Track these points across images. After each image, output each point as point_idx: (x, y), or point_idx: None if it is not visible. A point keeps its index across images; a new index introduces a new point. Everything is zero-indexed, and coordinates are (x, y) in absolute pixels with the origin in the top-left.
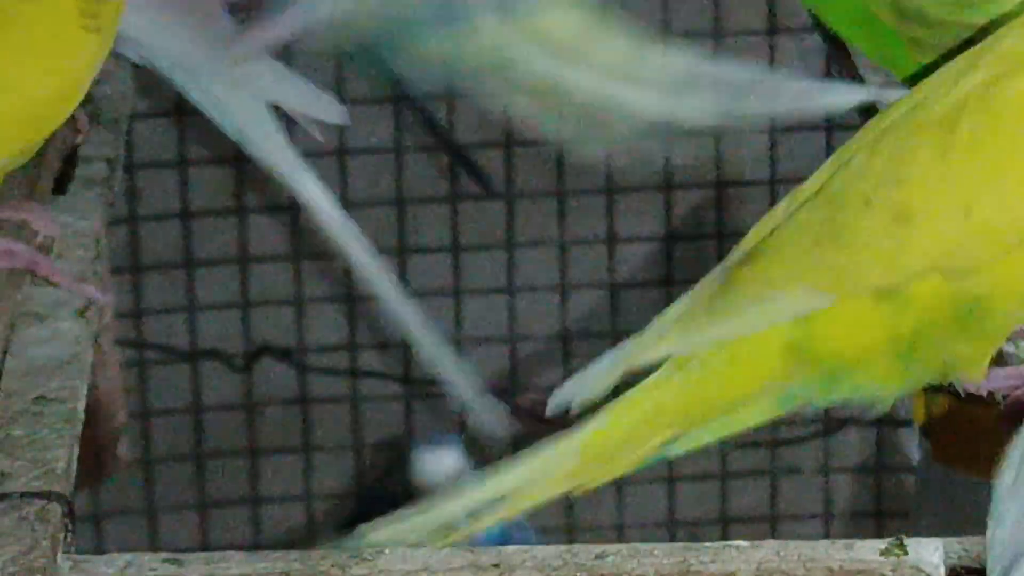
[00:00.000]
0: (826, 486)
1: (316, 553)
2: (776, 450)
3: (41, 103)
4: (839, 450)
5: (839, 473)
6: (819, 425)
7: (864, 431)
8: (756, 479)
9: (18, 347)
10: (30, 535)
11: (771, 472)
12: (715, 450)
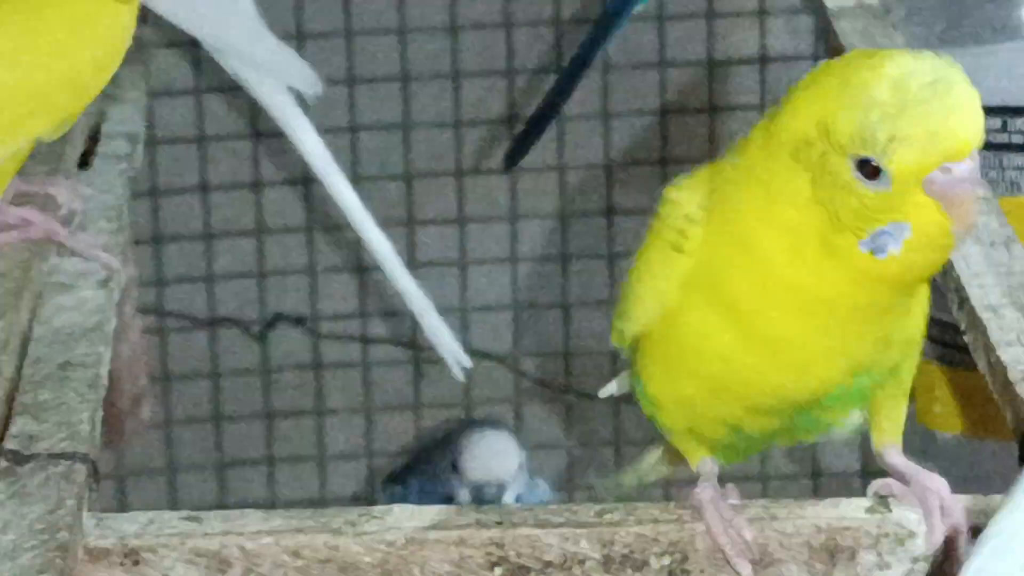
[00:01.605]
0: (813, 447)
1: (329, 511)
2: None
3: (81, 71)
4: None
5: None
6: None
7: None
8: None
9: (45, 315)
10: (56, 494)
11: None
12: None
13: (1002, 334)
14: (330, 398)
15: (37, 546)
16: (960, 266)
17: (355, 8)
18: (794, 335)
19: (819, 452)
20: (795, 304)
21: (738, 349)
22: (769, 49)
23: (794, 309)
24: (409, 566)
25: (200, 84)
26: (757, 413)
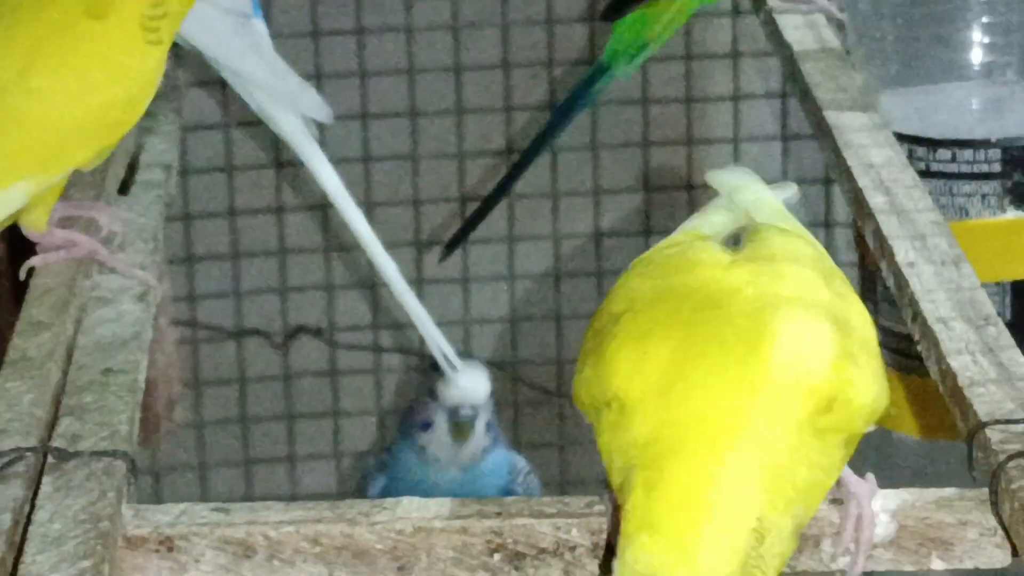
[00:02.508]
0: None
1: (344, 503)
2: None
3: (114, 108)
4: None
5: None
6: None
7: None
8: None
9: (88, 326)
10: (98, 487)
11: None
12: None
13: (952, 344)
14: (345, 402)
15: (80, 534)
16: (914, 283)
17: (368, 51)
18: None
19: None
20: None
21: None
22: (741, 88)
23: None
24: (417, 552)
25: (228, 119)
26: None
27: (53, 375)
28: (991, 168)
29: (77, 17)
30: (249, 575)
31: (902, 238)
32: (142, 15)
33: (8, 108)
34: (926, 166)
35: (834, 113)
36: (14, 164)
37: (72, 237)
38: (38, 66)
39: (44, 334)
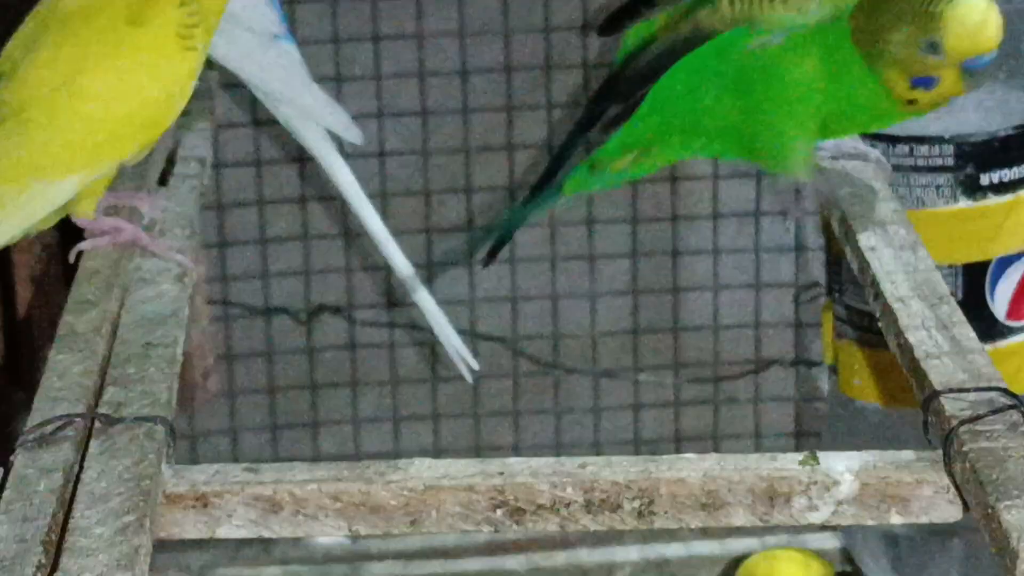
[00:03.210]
0: (756, 412)
1: (362, 464)
2: (718, 384)
3: (153, 108)
4: (767, 384)
5: (767, 402)
6: (752, 365)
7: (787, 369)
8: (703, 407)
9: (131, 305)
10: (140, 450)
11: (714, 402)
12: (670, 384)
13: (909, 320)
14: (362, 373)
15: (124, 492)
16: (875, 265)
17: (383, 56)
18: None
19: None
20: None
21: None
22: None
23: None
24: (428, 508)
25: (256, 118)
26: None
27: (100, 348)
28: (944, 162)
29: (120, 25)
30: (276, 528)
31: (865, 225)
32: (178, 23)
33: (60, 109)
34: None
35: None
36: (65, 159)
37: (117, 224)
38: (86, 70)
39: (91, 311)
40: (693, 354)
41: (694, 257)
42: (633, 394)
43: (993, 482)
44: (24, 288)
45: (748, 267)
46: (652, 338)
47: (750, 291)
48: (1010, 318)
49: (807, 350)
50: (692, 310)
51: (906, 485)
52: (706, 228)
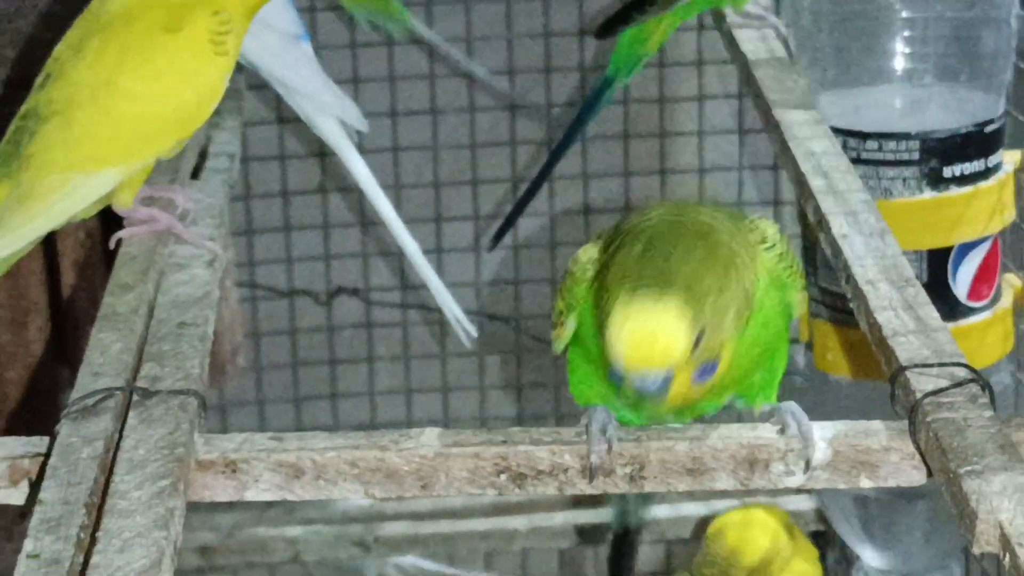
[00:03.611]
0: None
1: (377, 433)
2: None
3: (187, 107)
4: None
5: None
6: None
7: None
8: None
9: (166, 287)
10: (174, 420)
11: None
12: None
13: (878, 301)
14: (378, 350)
15: (160, 459)
16: (847, 251)
17: (396, 60)
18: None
19: None
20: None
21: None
22: (705, 90)
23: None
24: (437, 473)
25: (280, 116)
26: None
27: (137, 327)
28: (911, 156)
29: (158, 32)
30: (299, 492)
31: (837, 214)
32: (211, 31)
33: (101, 106)
34: (857, 155)
35: (781, 111)
36: (106, 153)
37: (153, 214)
38: (125, 72)
39: (130, 294)
40: None
41: None
42: None
43: (954, 449)
44: (68, 272)
45: None
46: None
47: None
48: (970, 299)
49: None
50: None
51: (875, 452)
52: None
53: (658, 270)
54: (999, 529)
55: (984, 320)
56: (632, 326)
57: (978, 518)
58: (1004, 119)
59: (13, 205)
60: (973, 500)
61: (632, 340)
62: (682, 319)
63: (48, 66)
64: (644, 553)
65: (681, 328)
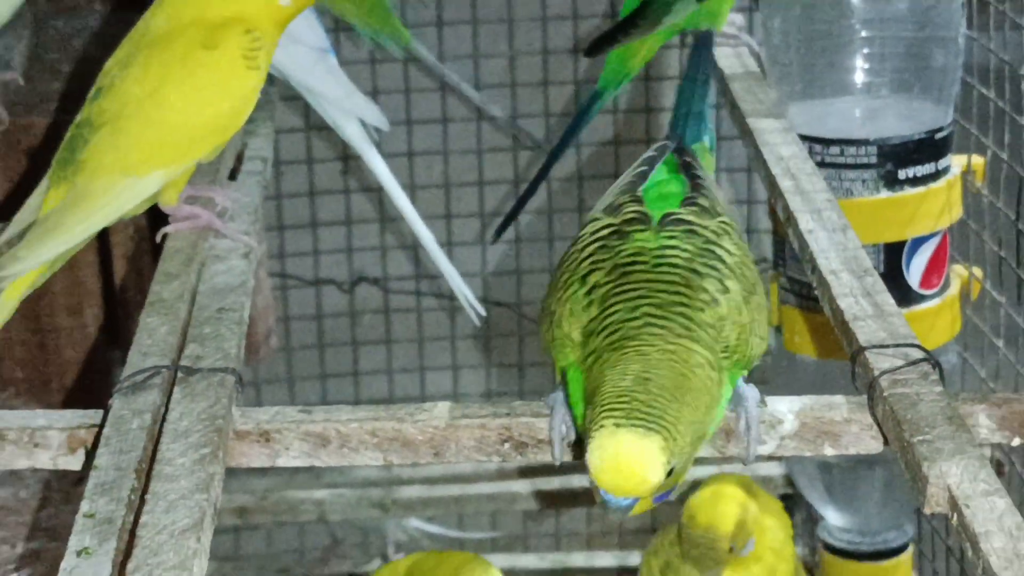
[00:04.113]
0: None
1: (395, 406)
2: None
3: (222, 117)
4: None
5: None
6: None
7: None
8: None
9: (207, 277)
10: (214, 395)
11: None
12: None
13: (840, 289)
14: (396, 333)
15: (202, 429)
16: (813, 245)
17: (411, 74)
18: None
19: None
20: None
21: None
22: None
23: None
24: (447, 442)
25: (308, 124)
26: None
27: (181, 312)
28: (869, 160)
29: (196, 49)
30: (325, 458)
31: (804, 211)
32: (244, 48)
33: (146, 116)
34: (821, 159)
35: (754, 119)
36: (151, 158)
37: (195, 211)
38: (167, 85)
39: (175, 282)
40: None
41: None
42: None
43: (908, 421)
44: (120, 263)
45: None
46: None
47: None
48: (922, 287)
49: None
50: None
51: (837, 423)
52: None
53: (645, 406)
54: (948, 492)
55: (935, 306)
56: (613, 458)
57: (929, 482)
58: (952, 127)
59: (70, 206)
60: (925, 466)
61: (611, 469)
62: (658, 461)
63: (100, 80)
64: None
65: (656, 467)
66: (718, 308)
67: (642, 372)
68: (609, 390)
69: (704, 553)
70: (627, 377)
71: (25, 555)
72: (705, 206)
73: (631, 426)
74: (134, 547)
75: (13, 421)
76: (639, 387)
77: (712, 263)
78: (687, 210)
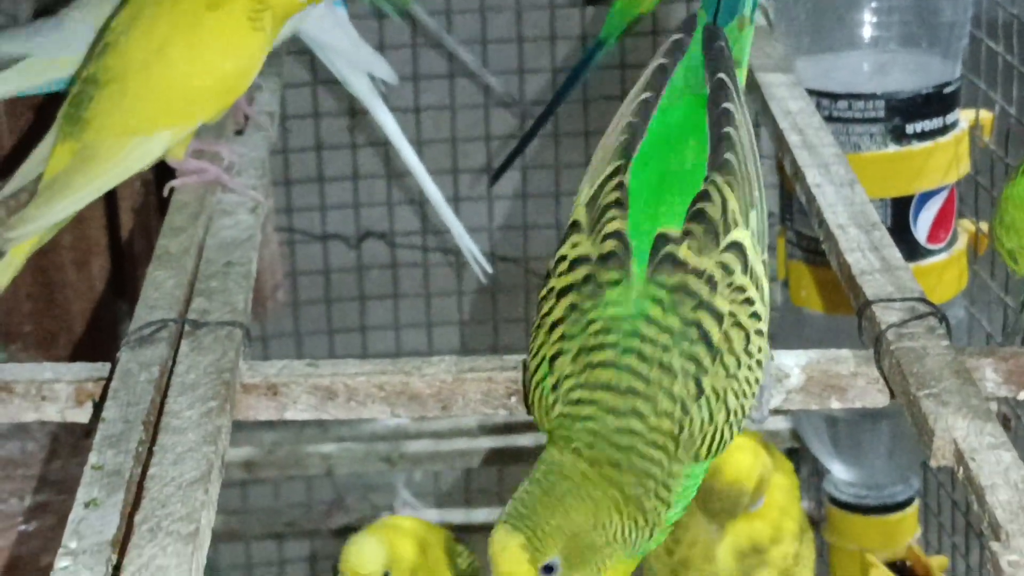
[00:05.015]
0: None
1: (402, 360)
2: None
3: (228, 79)
4: None
5: None
6: None
7: None
8: None
9: (214, 231)
10: (222, 348)
11: None
12: None
13: (847, 244)
14: (402, 287)
15: (209, 383)
16: (820, 199)
17: (418, 28)
18: None
19: None
20: None
21: None
22: None
23: None
24: (455, 395)
25: (315, 79)
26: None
27: (188, 266)
28: (877, 114)
29: (201, 9)
30: (332, 412)
31: (811, 166)
32: (248, 9)
33: (151, 76)
34: (829, 113)
35: (762, 74)
36: (157, 119)
37: (202, 165)
38: (172, 45)
39: (182, 236)
40: None
41: None
42: None
43: (914, 374)
44: (127, 217)
45: None
46: None
47: None
48: (929, 242)
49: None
50: None
51: (843, 377)
52: None
53: (528, 507)
54: (954, 445)
55: (942, 260)
56: (490, 550)
57: (935, 436)
58: (960, 81)
59: (78, 167)
60: (931, 420)
61: (491, 560)
62: (521, 558)
63: (105, 36)
64: None
65: (520, 564)
66: (679, 434)
67: (545, 481)
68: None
69: (724, 507)
70: (535, 484)
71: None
72: (713, 219)
73: (507, 521)
74: (142, 499)
75: (21, 374)
76: (538, 488)
77: (693, 351)
78: (685, 244)
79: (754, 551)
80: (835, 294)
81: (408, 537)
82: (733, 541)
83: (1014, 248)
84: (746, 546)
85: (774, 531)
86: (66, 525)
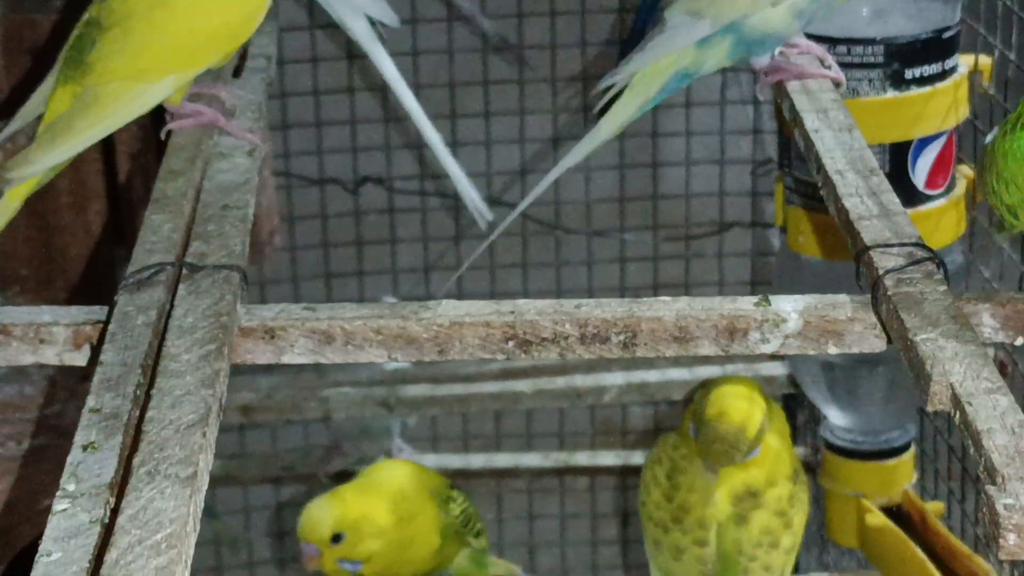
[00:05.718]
0: (720, 265)
1: (400, 304)
2: (689, 242)
3: (233, 23)
4: (729, 242)
5: (729, 256)
6: (717, 227)
7: (745, 230)
8: (676, 260)
9: (211, 174)
10: (219, 292)
11: (686, 257)
12: (651, 242)
13: (845, 189)
14: (400, 233)
15: (207, 326)
16: (819, 145)
17: None
18: None
19: (723, 269)
20: None
21: None
22: None
23: None
24: (452, 340)
25: (313, 22)
26: None
27: (186, 209)
28: (876, 59)
29: None
30: (330, 356)
31: (810, 111)
32: None
33: (156, 24)
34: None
35: None
36: (160, 64)
37: (199, 108)
38: None
39: (179, 179)
40: (669, 217)
41: (670, 138)
42: (620, 250)
43: (912, 319)
44: (124, 161)
45: (714, 146)
46: (635, 204)
47: (716, 166)
48: (927, 187)
49: (762, 214)
50: (668, 181)
51: (841, 322)
52: (680, 114)
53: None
54: (951, 390)
55: (940, 206)
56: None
57: (932, 380)
58: (960, 26)
59: (80, 111)
60: (928, 364)
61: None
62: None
63: None
64: (634, 414)
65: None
66: None
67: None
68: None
69: (725, 450)
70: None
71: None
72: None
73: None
74: (140, 442)
75: (19, 317)
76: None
77: None
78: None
79: (749, 494)
80: (833, 240)
81: (379, 497)
82: (729, 486)
83: (1015, 204)
84: (742, 490)
85: (768, 475)
86: (64, 468)
